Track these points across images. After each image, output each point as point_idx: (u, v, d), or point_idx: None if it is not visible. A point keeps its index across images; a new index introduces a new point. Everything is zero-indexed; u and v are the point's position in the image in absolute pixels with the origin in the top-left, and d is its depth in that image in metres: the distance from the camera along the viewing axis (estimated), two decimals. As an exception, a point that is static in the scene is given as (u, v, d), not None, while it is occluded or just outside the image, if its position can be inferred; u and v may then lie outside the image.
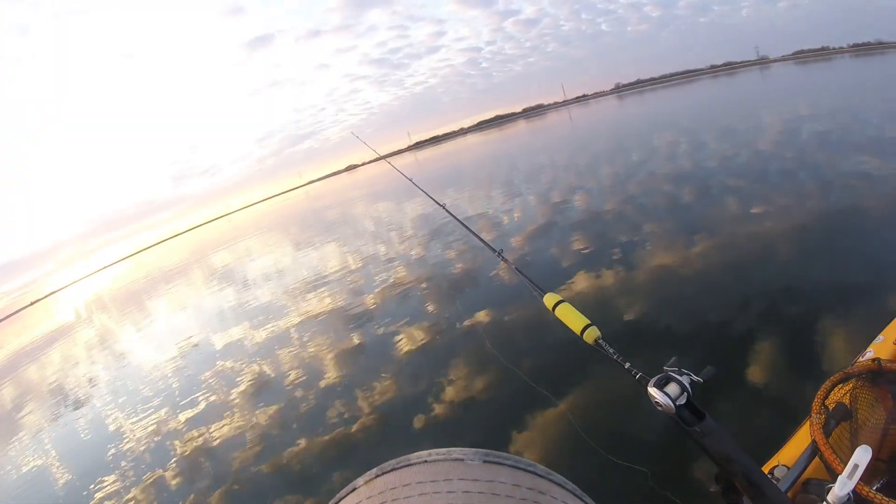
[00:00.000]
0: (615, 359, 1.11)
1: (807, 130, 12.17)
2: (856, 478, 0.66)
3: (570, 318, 1.25)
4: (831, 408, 1.33)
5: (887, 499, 1.02)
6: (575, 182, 13.46)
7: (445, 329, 5.93)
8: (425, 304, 6.97)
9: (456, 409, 4.15)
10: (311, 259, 14.11)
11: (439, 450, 0.29)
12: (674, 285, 5.28)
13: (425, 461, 0.28)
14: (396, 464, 0.29)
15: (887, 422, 1.27)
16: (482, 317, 5.83)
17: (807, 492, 1.32)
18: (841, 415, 1.31)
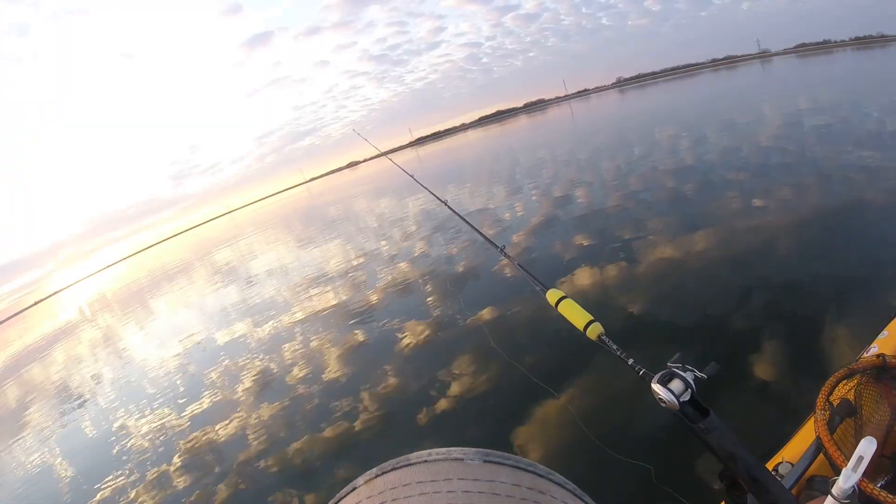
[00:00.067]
0: (618, 355, 1.11)
1: (808, 124, 12.11)
2: (860, 470, 0.65)
3: (574, 314, 1.25)
4: (835, 404, 1.32)
5: (892, 496, 1.01)
6: (576, 177, 13.44)
7: (448, 325, 5.94)
8: (428, 301, 6.98)
9: (458, 406, 4.17)
10: (313, 256, 14.13)
11: (439, 449, 0.29)
12: (677, 280, 5.27)
13: (425, 461, 0.28)
14: (396, 463, 0.29)
15: (892, 418, 1.27)
16: (485, 313, 5.83)
17: (811, 488, 1.32)
18: (845, 411, 1.30)
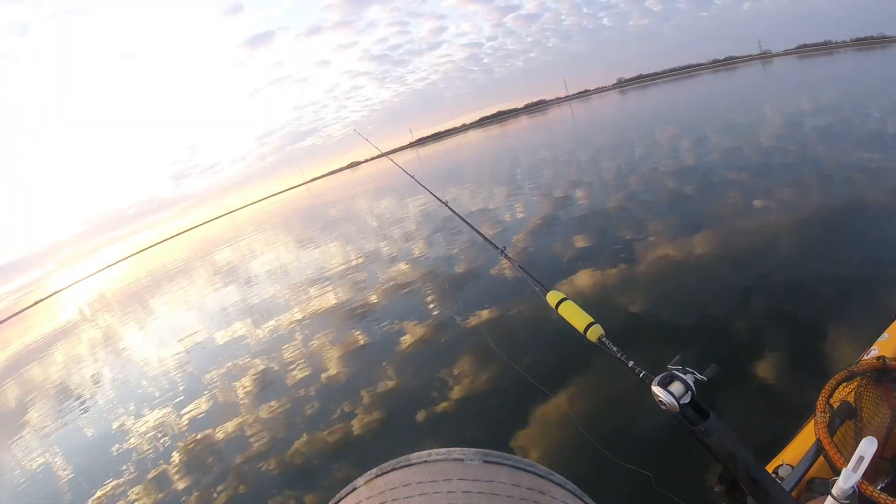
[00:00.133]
0: (619, 357, 1.11)
1: (809, 124, 12.11)
2: (861, 470, 0.65)
3: (574, 315, 1.25)
4: (836, 406, 1.32)
5: (892, 499, 1.01)
6: (577, 177, 13.44)
7: (448, 326, 5.93)
8: (428, 302, 6.97)
9: (457, 407, 4.16)
10: (313, 256, 14.13)
11: (439, 450, 0.29)
12: (677, 281, 5.27)
13: (425, 461, 0.28)
14: (396, 464, 0.29)
15: (892, 420, 1.27)
16: (484, 314, 5.83)
17: (811, 491, 1.32)
18: (845, 413, 1.30)
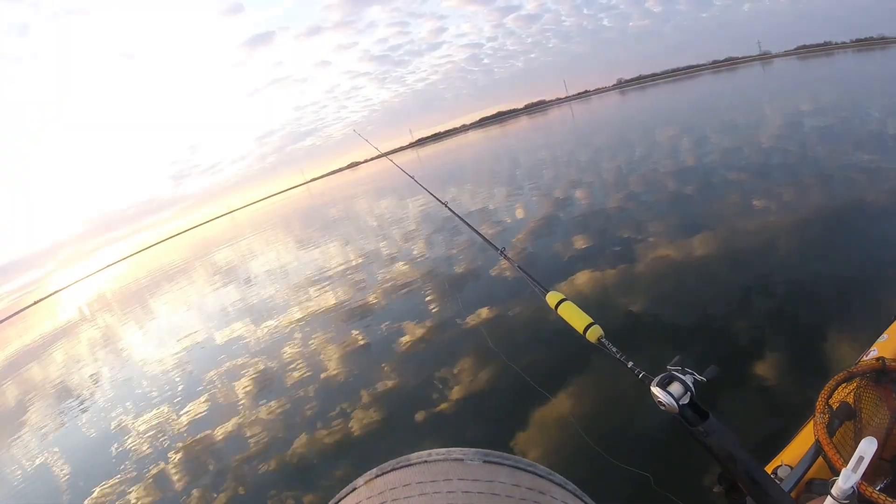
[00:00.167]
0: (618, 358, 1.11)
1: (809, 125, 12.12)
2: (861, 470, 0.65)
3: (573, 316, 1.25)
4: (835, 407, 1.32)
5: (891, 499, 1.01)
6: (577, 178, 13.45)
7: (447, 327, 5.93)
8: (427, 302, 6.97)
9: (456, 408, 4.15)
10: (313, 256, 14.12)
11: (439, 450, 0.29)
12: (677, 282, 5.27)
13: (425, 461, 0.28)
14: (396, 464, 0.29)
15: (891, 421, 1.26)
16: (484, 315, 5.83)
17: (810, 491, 1.32)
18: (845, 414, 1.30)
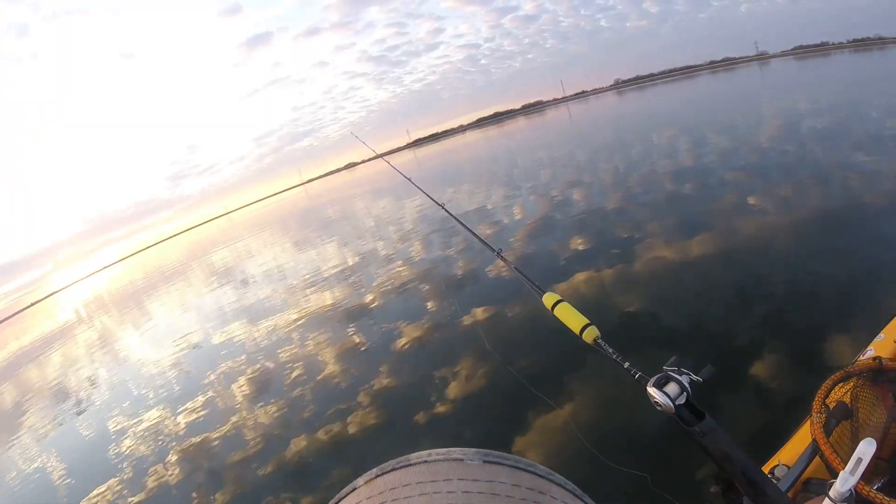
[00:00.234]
0: (614, 358, 1.10)
1: (805, 126, 12.15)
2: (858, 472, 0.65)
3: (569, 317, 1.25)
4: (832, 407, 1.32)
5: (888, 498, 1.01)
6: (574, 178, 13.46)
7: (444, 329, 5.92)
8: (424, 304, 6.96)
9: (453, 411, 4.14)
10: (310, 258, 14.11)
11: (439, 450, 0.29)
12: (673, 283, 5.27)
13: (425, 461, 0.28)
14: (396, 464, 0.29)
15: (888, 421, 1.27)
16: (481, 316, 5.82)
17: (807, 491, 1.32)
18: (842, 414, 1.31)
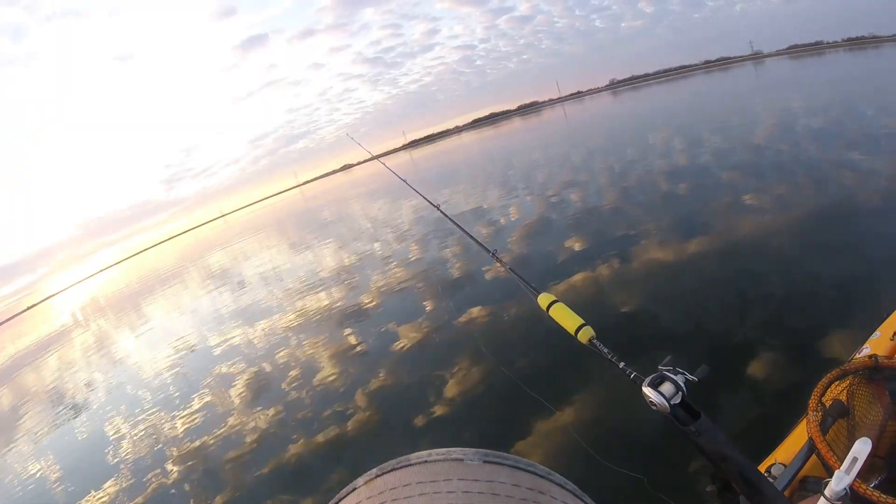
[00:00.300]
0: (609, 358, 1.10)
1: (800, 125, 12.22)
2: (854, 472, 0.65)
3: (565, 318, 1.24)
4: (828, 405, 1.32)
5: (885, 496, 1.01)
6: (570, 179, 13.48)
7: (440, 331, 5.91)
8: (420, 306, 6.95)
9: (449, 413, 4.13)
10: (306, 260, 14.10)
11: (439, 450, 0.29)
12: (668, 282, 5.28)
13: (425, 461, 0.28)
14: (396, 464, 0.29)
15: (884, 418, 1.27)
16: (476, 318, 5.82)
17: (804, 489, 1.32)
18: (838, 412, 1.30)
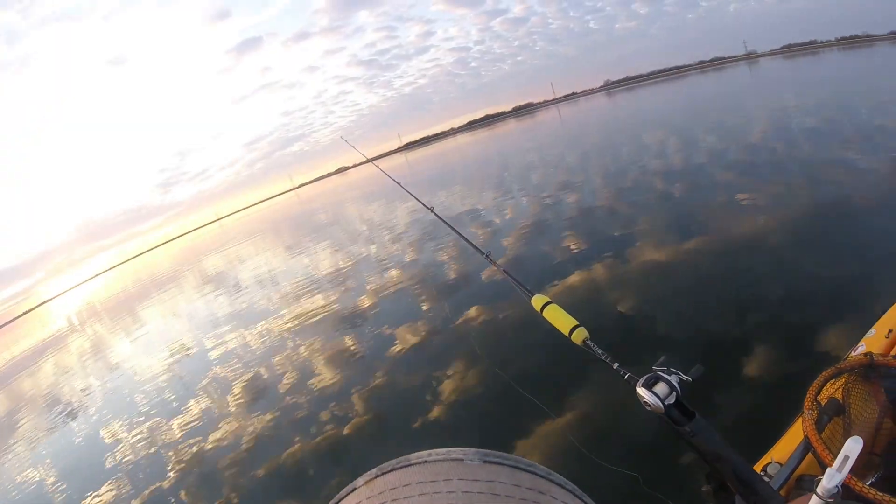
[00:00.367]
0: (603, 359, 1.10)
1: (795, 124, 12.27)
2: (846, 469, 0.65)
3: (558, 319, 1.24)
4: (824, 403, 1.32)
5: (881, 494, 1.00)
6: (564, 180, 13.48)
7: (433, 334, 5.90)
8: (415, 308, 6.93)
9: (444, 416, 4.12)
10: (301, 264, 14.02)
11: (439, 450, 0.29)
12: (663, 283, 5.28)
13: (425, 461, 0.28)
14: (396, 464, 0.29)
15: (880, 416, 1.27)
16: (472, 320, 5.81)
17: (800, 488, 1.31)
18: (833, 410, 1.30)
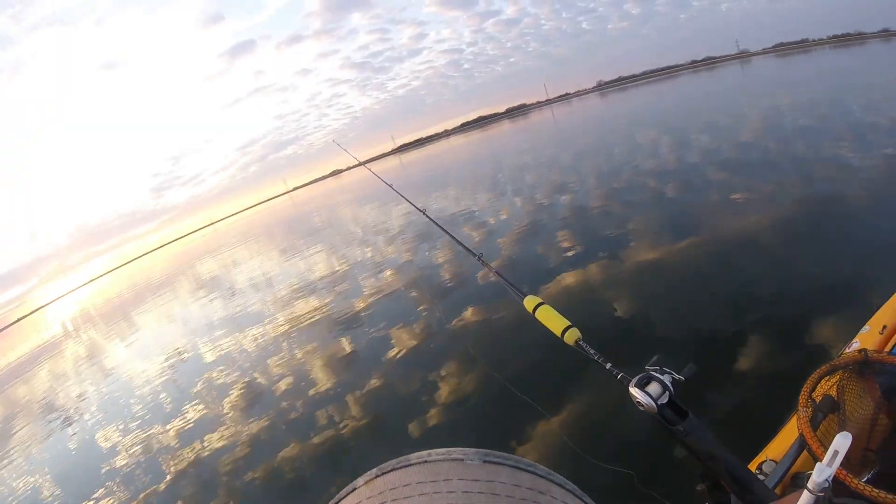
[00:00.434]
0: (596, 360, 1.09)
1: (788, 123, 12.34)
2: (836, 464, 0.64)
3: (551, 319, 1.23)
4: (818, 400, 1.32)
5: (877, 490, 1.00)
6: (558, 181, 13.49)
7: (427, 335, 5.88)
8: (408, 311, 6.90)
9: (440, 417, 4.11)
10: (296, 267, 13.96)
11: (439, 450, 0.30)
12: (655, 282, 5.28)
13: (425, 461, 0.29)
14: (396, 464, 0.29)
15: (875, 412, 1.26)
16: (464, 322, 5.80)
17: (796, 486, 1.31)
18: (828, 407, 1.30)
